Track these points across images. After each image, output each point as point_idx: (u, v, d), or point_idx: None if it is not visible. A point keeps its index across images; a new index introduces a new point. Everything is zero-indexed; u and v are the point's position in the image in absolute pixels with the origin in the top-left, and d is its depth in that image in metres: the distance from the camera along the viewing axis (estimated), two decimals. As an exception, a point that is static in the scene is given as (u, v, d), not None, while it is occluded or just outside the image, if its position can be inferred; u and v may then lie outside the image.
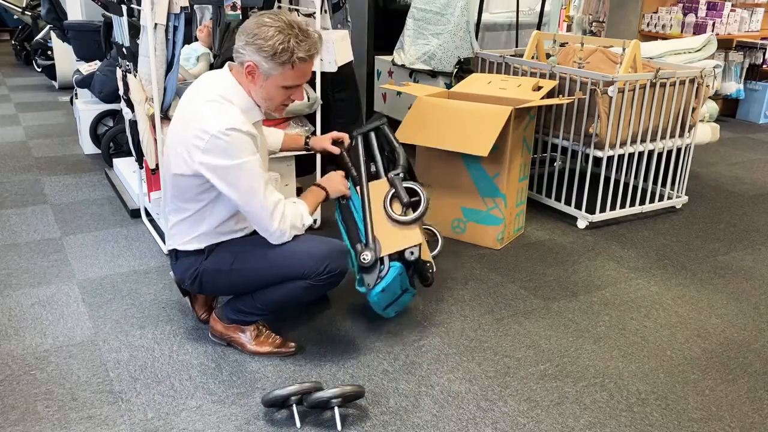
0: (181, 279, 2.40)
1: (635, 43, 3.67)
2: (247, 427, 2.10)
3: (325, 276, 2.25)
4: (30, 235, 3.46)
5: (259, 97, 2.16)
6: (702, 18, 6.12)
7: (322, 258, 2.23)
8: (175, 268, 2.41)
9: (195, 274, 2.33)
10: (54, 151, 4.91)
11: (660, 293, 3.06)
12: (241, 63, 2.09)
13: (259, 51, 2.04)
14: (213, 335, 2.51)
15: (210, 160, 2.06)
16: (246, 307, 2.40)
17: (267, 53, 2.04)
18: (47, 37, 7.21)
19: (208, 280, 2.34)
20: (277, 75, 2.09)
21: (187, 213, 2.27)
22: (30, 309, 2.74)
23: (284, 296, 2.32)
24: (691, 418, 2.21)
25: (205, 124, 2.05)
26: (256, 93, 2.15)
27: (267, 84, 2.12)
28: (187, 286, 2.41)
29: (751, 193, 4.53)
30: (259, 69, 2.08)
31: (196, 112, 2.11)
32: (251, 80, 2.12)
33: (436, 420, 2.15)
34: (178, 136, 2.17)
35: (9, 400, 2.19)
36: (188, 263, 2.34)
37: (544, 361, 2.50)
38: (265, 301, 2.36)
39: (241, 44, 2.08)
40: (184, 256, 2.34)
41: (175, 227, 2.33)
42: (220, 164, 2.06)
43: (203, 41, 4.29)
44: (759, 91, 6.67)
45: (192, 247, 2.31)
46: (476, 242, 3.48)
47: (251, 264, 2.28)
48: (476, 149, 3.14)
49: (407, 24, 5.06)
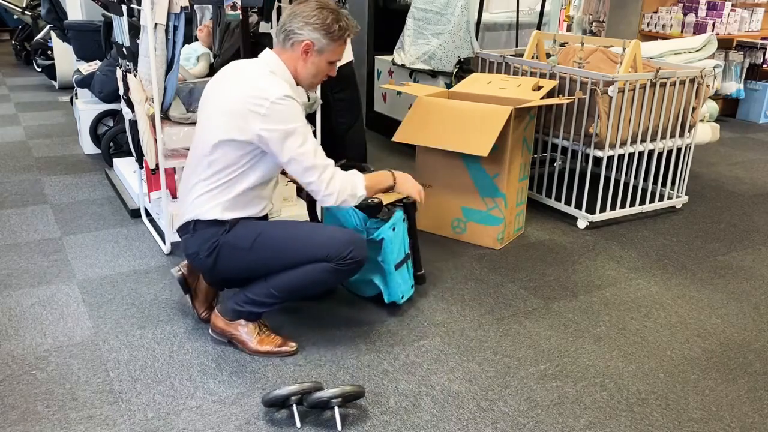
0: (196, 252, 2.35)
1: (635, 43, 3.67)
2: (247, 427, 2.10)
3: (348, 261, 2.31)
4: (30, 235, 3.46)
5: (307, 74, 2.36)
6: (702, 18, 6.12)
7: (347, 243, 2.31)
8: (191, 241, 2.36)
9: (214, 246, 2.32)
10: (54, 151, 4.91)
11: (660, 293, 3.06)
12: (298, 42, 2.29)
13: (318, 29, 2.28)
14: (214, 332, 2.50)
15: (269, 125, 2.21)
16: (257, 295, 2.38)
17: (325, 31, 2.29)
18: (47, 37, 7.21)
19: (226, 254, 2.33)
20: (329, 51, 2.33)
21: (220, 180, 2.29)
22: (30, 309, 2.74)
23: (303, 280, 2.33)
24: (691, 418, 2.21)
25: (264, 92, 2.22)
26: (306, 70, 2.34)
27: (319, 60, 2.34)
28: (201, 261, 2.36)
29: (751, 193, 4.53)
30: (314, 46, 2.30)
31: (251, 81, 2.26)
32: (304, 58, 2.32)
33: (436, 420, 2.16)
34: (230, 106, 2.25)
35: (9, 400, 2.19)
36: (208, 234, 2.32)
37: (544, 361, 2.50)
38: (281, 285, 2.34)
39: (297, 26, 2.28)
40: (203, 228, 2.32)
41: (200, 198, 2.32)
42: (280, 128, 2.21)
43: (203, 41, 4.29)
44: (759, 91, 6.67)
45: (215, 216, 2.30)
46: (476, 242, 3.48)
47: (274, 242, 2.31)
48: (476, 149, 3.14)
49: (407, 24, 5.06)
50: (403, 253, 2.72)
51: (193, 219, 2.34)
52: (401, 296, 2.75)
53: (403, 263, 2.71)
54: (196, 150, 2.38)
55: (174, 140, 3.04)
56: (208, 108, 2.36)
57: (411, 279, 2.83)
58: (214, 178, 2.30)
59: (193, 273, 2.62)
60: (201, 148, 2.33)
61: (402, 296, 2.75)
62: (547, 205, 3.99)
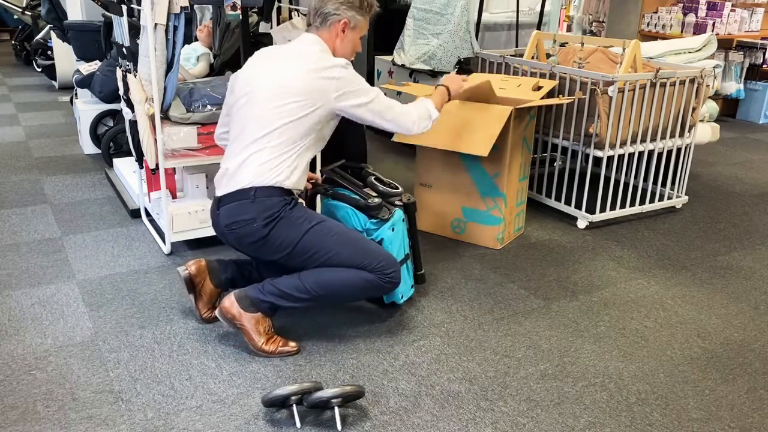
0: (254, 218, 2.35)
1: (635, 43, 3.67)
2: (247, 427, 2.10)
3: (388, 279, 2.44)
4: (30, 235, 3.46)
5: (345, 50, 2.56)
6: (702, 18, 6.12)
7: (392, 263, 2.46)
8: (249, 206, 2.35)
9: (276, 216, 2.36)
10: (54, 151, 4.91)
11: (660, 293, 3.06)
12: (336, 21, 2.49)
13: (352, 7, 2.50)
14: (221, 314, 2.45)
15: (345, 87, 2.41)
16: (286, 287, 2.39)
17: (358, 7, 2.52)
18: (47, 37, 7.21)
19: (284, 228, 2.37)
20: (360, 26, 2.56)
21: (291, 149, 2.40)
22: (30, 309, 2.74)
23: (340, 282, 2.39)
24: (691, 418, 2.21)
25: (329, 62, 2.43)
26: (344, 47, 2.54)
27: (353, 35, 2.56)
28: (254, 227, 2.35)
29: (751, 193, 4.53)
30: (350, 23, 2.51)
31: (311, 56, 2.44)
32: (343, 36, 2.52)
33: (436, 420, 2.16)
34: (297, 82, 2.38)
35: (9, 400, 2.19)
36: (271, 203, 2.36)
37: (544, 361, 2.50)
38: (318, 282, 2.39)
39: (333, 7, 2.48)
40: (265, 195, 2.35)
41: (266, 164, 2.37)
42: (354, 88, 2.43)
43: (203, 41, 4.29)
44: (759, 91, 6.67)
45: (280, 181, 2.37)
46: (476, 242, 3.49)
47: (333, 233, 2.42)
48: (476, 149, 3.14)
49: (407, 24, 5.06)
50: (403, 253, 2.72)
51: (254, 185, 2.36)
52: (401, 296, 2.75)
53: (402, 263, 2.71)
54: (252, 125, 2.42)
55: (174, 140, 3.04)
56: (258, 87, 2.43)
57: (411, 279, 2.84)
58: (285, 146, 2.39)
59: (200, 273, 2.62)
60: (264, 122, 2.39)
61: (402, 296, 2.76)
62: (547, 205, 3.99)
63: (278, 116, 2.37)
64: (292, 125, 2.38)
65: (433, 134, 3.30)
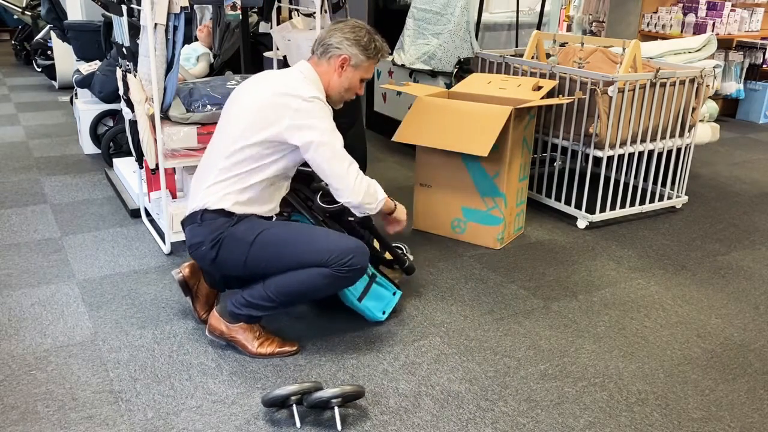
0: (200, 243, 2.35)
1: (635, 43, 3.67)
2: (247, 427, 2.10)
3: (347, 268, 2.30)
4: (30, 235, 3.46)
5: (340, 87, 2.47)
6: (702, 18, 6.12)
7: (348, 250, 2.31)
8: (197, 230, 2.35)
9: (218, 238, 2.32)
10: (54, 151, 4.91)
11: (660, 293, 3.06)
12: (336, 56, 2.42)
13: (357, 45, 2.42)
14: (212, 334, 2.49)
15: (300, 120, 2.30)
16: (254, 298, 2.37)
17: (362, 48, 2.43)
18: (47, 37, 7.21)
19: (229, 247, 2.33)
20: (363, 67, 2.46)
21: (238, 170, 2.33)
22: (30, 309, 2.74)
23: (299, 284, 2.32)
24: (691, 418, 2.21)
25: (296, 91, 2.33)
26: (339, 83, 2.46)
27: (353, 75, 2.46)
28: (203, 253, 2.36)
29: (751, 193, 4.53)
30: (350, 61, 2.43)
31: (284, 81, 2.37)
32: (339, 72, 2.44)
33: (436, 420, 2.16)
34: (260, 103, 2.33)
35: (9, 400, 2.19)
36: (215, 225, 2.33)
37: (544, 361, 2.50)
38: (278, 289, 2.34)
39: (337, 40, 2.41)
40: (211, 218, 2.33)
41: (213, 186, 2.34)
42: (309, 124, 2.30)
43: (203, 41, 4.29)
44: (759, 91, 6.67)
45: (224, 206, 2.32)
46: (476, 242, 3.49)
47: (277, 239, 2.33)
48: (476, 149, 3.14)
49: (407, 24, 5.06)
50: (366, 279, 2.66)
51: (201, 208, 2.35)
52: (382, 312, 2.70)
53: (368, 289, 2.66)
54: (215, 146, 2.41)
55: (174, 140, 3.04)
56: (233, 109, 2.42)
57: (389, 289, 2.76)
58: (232, 169, 2.34)
59: (194, 275, 2.62)
60: (224, 143, 2.36)
61: (384, 312, 2.71)
62: (547, 205, 3.99)
63: (233, 140, 2.33)
64: (243, 148, 2.31)
65: (433, 134, 3.31)
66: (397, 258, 2.89)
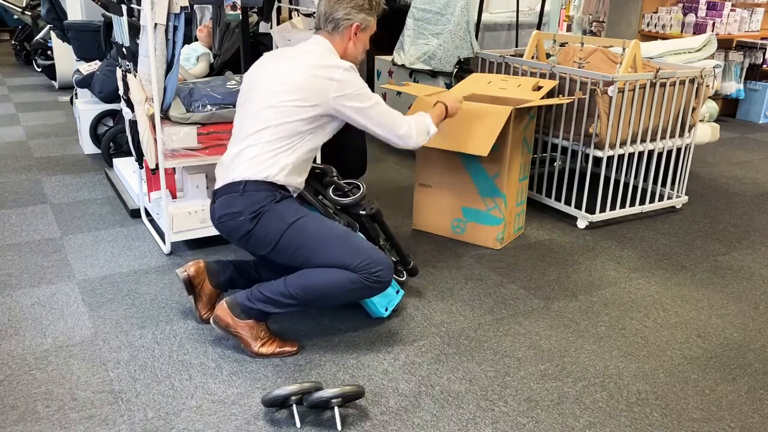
0: (241, 211, 2.35)
1: (635, 43, 3.67)
2: (247, 427, 2.10)
3: (374, 278, 2.35)
4: (30, 235, 3.46)
5: (357, 51, 2.59)
6: (702, 18, 6.12)
7: (379, 261, 2.36)
8: (238, 200, 2.35)
9: (260, 211, 2.34)
10: (54, 151, 4.91)
11: (660, 293, 3.06)
12: (348, 27, 2.52)
13: (362, 10, 2.53)
14: (216, 323, 2.44)
15: (346, 90, 2.41)
16: (273, 293, 2.36)
17: (368, 9, 2.56)
18: (47, 37, 7.21)
19: (269, 222, 2.35)
20: (370, 27, 2.61)
21: (284, 144, 2.39)
22: (30, 309, 2.74)
23: (324, 285, 2.33)
24: (691, 418, 2.21)
25: (333, 63, 2.44)
26: (356, 49, 2.58)
27: (365, 37, 2.60)
28: (241, 221, 2.36)
29: (751, 193, 4.53)
30: (362, 25, 2.55)
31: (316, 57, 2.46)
32: (355, 39, 2.55)
33: (436, 420, 2.16)
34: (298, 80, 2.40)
35: (9, 400, 2.19)
36: (259, 197, 2.35)
37: (544, 361, 2.50)
38: (302, 286, 2.34)
39: (344, 12, 2.50)
40: (255, 188, 2.35)
41: (258, 157, 2.37)
42: (355, 92, 2.43)
43: (203, 41, 4.29)
44: (759, 91, 6.67)
45: (272, 175, 2.36)
46: (476, 242, 3.48)
47: (314, 229, 2.37)
48: (476, 149, 3.14)
49: (407, 24, 5.06)
50: None
51: (244, 179, 2.36)
52: (384, 309, 2.70)
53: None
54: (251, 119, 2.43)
55: (174, 140, 3.04)
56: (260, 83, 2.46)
57: (393, 286, 2.77)
58: (279, 143, 2.39)
59: (199, 275, 2.62)
60: (263, 117, 2.40)
61: (386, 309, 2.71)
62: (547, 205, 3.99)
63: (275, 113, 2.38)
64: (289, 122, 2.38)
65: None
66: (402, 258, 2.90)
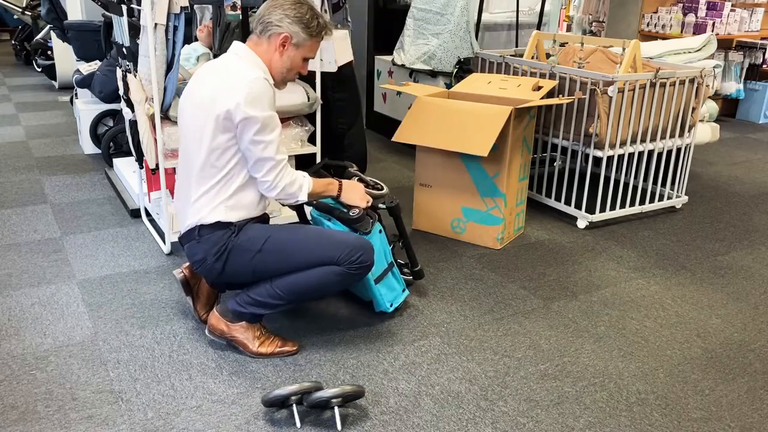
0: (203, 258, 2.33)
1: (635, 43, 3.67)
2: (247, 427, 2.10)
3: (357, 265, 2.32)
4: (30, 235, 3.46)
5: (282, 67, 2.36)
6: (702, 18, 6.12)
7: (356, 248, 2.33)
8: (197, 247, 2.33)
9: (223, 250, 2.30)
10: (54, 151, 4.91)
11: (660, 293, 3.06)
12: (276, 34, 2.30)
13: (298, 23, 2.30)
14: (212, 334, 2.48)
15: (241, 103, 2.18)
16: (261, 296, 2.36)
17: (304, 25, 2.31)
18: (47, 37, 7.21)
19: (235, 258, 2.31)
20: (305, 46, 2.35)
21: (215, 179, 2.27)
22: (30, 309, 2.74)
23: (312, 282, 2.32)
24: (691, 418, 2.21)
25: (238, 75, 2.24)
26: (281, 63, 2.34)
27: (295, 54, 2.35)
28: (208, 266, 2.34)
29: (751, 193, 4.53)
30: (292, 40, 2.31)
31: (223, 71, 2.28)
32: (281, 51, 2.32)
33: (436, 420, 2.16)
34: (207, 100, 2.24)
35: (9, 400, 2.19)
36: (216, 238, 2.30)
37: (544, 361, 2.50)
38: (289, 287, 2.33)
39: (276, 18, 2.29)
40: (209, 232, 2.30)
41: (199, 201, 2.30)
42: (249, 112, 2.19)
43: (203, 41, 4.29)
44: (759, 91, 6.67)
45: (220, 218, 2.29)
46: (476, 242, 3.48)
47: (284, 244, 2.31)
48: (476, 149, 3.14)
49: (407, 24, 5.06)
50: (385, 264, 2.67)
51: (196, 224, 2.32)
52: (389, 305, 2.71)
53: (385, 274, 2.67)
54: (183, 154, 2.37)
55: (174, 140, 3.04)
56: (185, 113, 2.35)
57: (400, 284, 2.78)
58: (208, 179, 2.28)
59: (195, 275, 2.62)
60: (188, 152, 2.33)
61: (390, 304, 2.71)
62: (547, 205, 3.99)
63: (201, 146, 2.26)
64: (216, 156, 2.25)
65: (433, 134, 3.31)
66: (411, 260, 2.91)
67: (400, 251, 2.98)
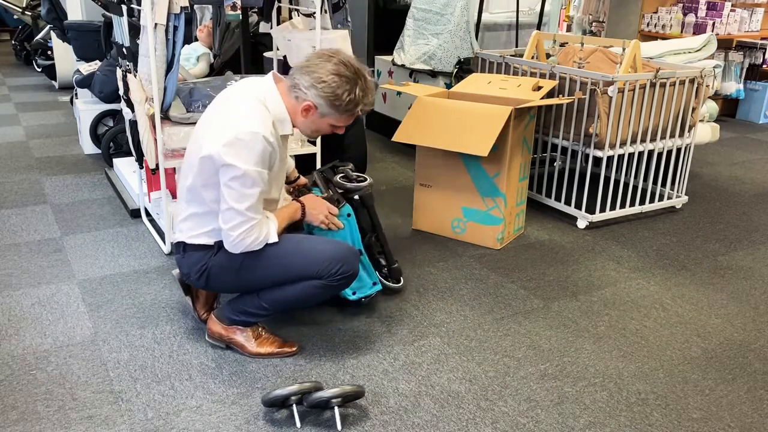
0: (188, 273, 2.37)
1: (635, 43, 3.67)
2: (247, 427, 2.10)
3: (338, 277, 2.29)
4: (30, 235, 3.46)
5: (305, 127, 2.26)
6: (702, 18, 6.12)
7: (336, 260, 2.28)
8: (182, 261, 2.37)
9: (203, 269, 2.32)
10: (54, 151, 4.91)
11: (660, 293, 3.06)
12: (302, 98, 2.16)
13: (326, 98, 2.13)
14: (211, 337, 2.50)
15: (225, 153, 2.08)
16: (250, 307, 2.39)
17: (332, 102, 2.14)
18: (47, 37, 7.21)
19: (216, 276, 2.32)
20: (332, 117, 2.20)
21: (204, 206, 2.24)
22: (30, 309, 2.74)
23: (295, 296, 2.32)
24: (691, 418, 2.21)
25: (236, 120, 2.12)
26: (304, 124, 2.24)
27: (320, 121, 2.22)
28: (193, 281, 2.39)
29: (751, 193, 4.53)
30: (317, 110, 2.17)
31: (232, 106, 2.19)
32: (305, 115, 2.20)
33: (436, 420, 2.16)
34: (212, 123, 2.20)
35: (9, 400, 2.19)
36: (197, 258, 2.32)
37: (544, 361, 2.50)
38: (273, 300, 2.35)
39: (305, 84, 2.13)
40: (192, 250, 2.32)
41: (187, 220, 2.31)
42: (231, 163, 2.09)
43: (203, 41, 4.30)
44: (759, 91, 6.67)
45: (202, 242, 2.30)
46: (476, 242, 3.48)
47: (262, 261, 2.27)
48: (476, 149, 3.14)
49: (407, 24, 5.06)
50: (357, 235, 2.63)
51: (182, 241, 2.35)
52: (352, 292, 2.65)
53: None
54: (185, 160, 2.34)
55: (174, 140, 3.04)
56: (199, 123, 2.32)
57: (371, 276, 2.72)
58: (194, 205, 2.27)
59: None
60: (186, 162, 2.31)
61: (354, 292, 2.66)
62: (547, 205, 3.99)
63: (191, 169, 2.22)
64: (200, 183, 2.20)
65: (433, 134, 3.31)
66: (387, 256, 2.88)
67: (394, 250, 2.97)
